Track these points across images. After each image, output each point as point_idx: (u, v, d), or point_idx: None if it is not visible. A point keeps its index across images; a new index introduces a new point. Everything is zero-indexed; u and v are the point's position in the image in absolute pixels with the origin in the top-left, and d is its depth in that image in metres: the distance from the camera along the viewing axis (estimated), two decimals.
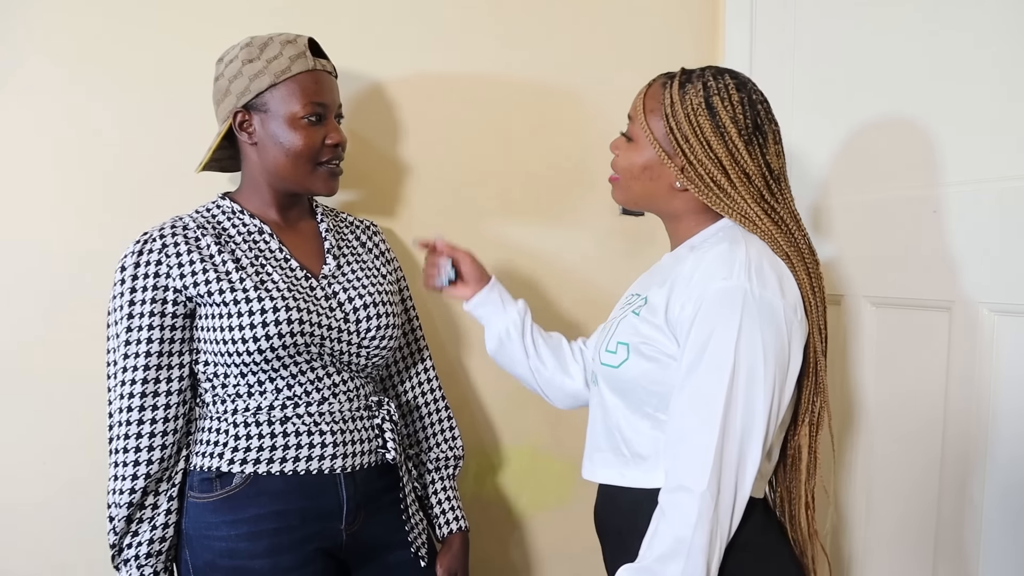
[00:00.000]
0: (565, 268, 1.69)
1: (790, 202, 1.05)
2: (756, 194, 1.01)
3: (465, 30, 1.58)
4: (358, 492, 1.16)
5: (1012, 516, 1.22)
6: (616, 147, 1.14)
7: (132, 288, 1.10)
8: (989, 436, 1.25)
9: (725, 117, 0.99)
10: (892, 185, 1.42)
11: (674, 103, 1.02)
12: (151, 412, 1.09)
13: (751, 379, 0.92)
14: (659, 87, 1.06)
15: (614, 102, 1.70)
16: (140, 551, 1.09)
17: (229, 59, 1.16)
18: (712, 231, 1.07)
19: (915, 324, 1.37)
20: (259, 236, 1.18)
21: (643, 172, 1.07)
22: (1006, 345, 1.23)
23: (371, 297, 1.21)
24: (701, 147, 1.00)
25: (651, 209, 1.13)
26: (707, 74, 1.03)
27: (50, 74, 1.31)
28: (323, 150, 1.17)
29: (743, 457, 0.92)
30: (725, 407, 0.91)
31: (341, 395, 1.18)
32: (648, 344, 1.01)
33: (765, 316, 0.93)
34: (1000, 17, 1.24)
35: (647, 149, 1.06)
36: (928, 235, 1.34)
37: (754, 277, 0.94)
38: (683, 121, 1.01)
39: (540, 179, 1.66)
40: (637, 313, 1.04)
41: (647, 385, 1.01)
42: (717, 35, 1.82)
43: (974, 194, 1.27)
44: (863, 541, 1.50)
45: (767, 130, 1.02)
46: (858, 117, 1.47)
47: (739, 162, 1.00)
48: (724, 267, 0.95)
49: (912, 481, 1.39)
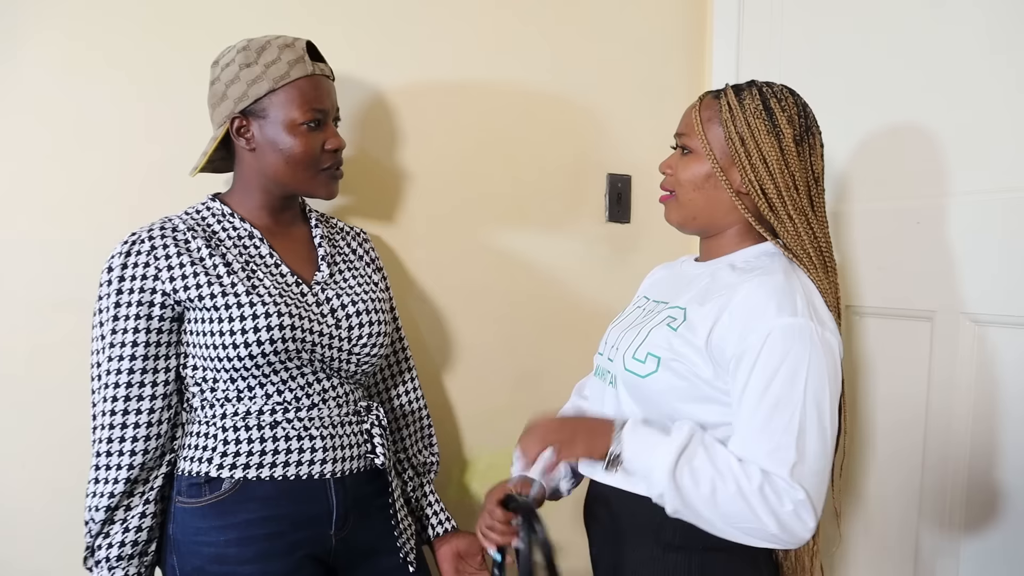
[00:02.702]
0: (552, 272, 1.70)
1: (822, 203, 1.08)
2: (799, 209, 1.03)
3: (457, 39, 1.58)
4: (347, 497, 1.16)
5: (992, 521, 1.25)
6: (669, 165, 1.12)
7: (119, 289, 1.08)
8: (970, 442, 1.27)
9: (782, 118, 1.02)
10: (875, 197, 1.44)
11: (732, 108, 1.04)
12: (135, 415, 1.08)
13: (820, 413, 0.93)
14: (712, 99, 1.08)
15: (604, 110, 1.72)
16: (111, 553, 1.07)
17: (225, 62, 1.13)
18: (755, 252, 1.08)
19: (898, 333, 1.40)
20: (249, 240, 1.16)
21: (707, 181, 1.07)
22: (987, 354, 1.25)
23: (364, 304, 1.20)
24: (756, 150, 1.02)
25: (705, 223, 1.10)
26: (758, 83, 1.07)
27: (44, 73, 1.28)
28: (323, 156, 1.16)
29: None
30: (797, 438, 0.92)
31: (331, 400, 1.17)
32: (680, 362, 1.01)
33: (827, 354, 0.95)
34: (975, 35, 1.27)
35: (708, 158, 1.06)
36: (911, 246, 1.36)
37: (814, 315, 0.97)
38: (743, 124, 1.03)
39: (530, 186, 1.67)
40: (674, 328, 1.03)
41: (672, 400, 1.02)
42: (704, 45, 1.84)
43: (957, 206, 1.30)
44: (847, 540, 1.52)
45: (815, 132, 1.06)
46: (842, 129, 1.50)
47: (789, 165, 1.02)
48: (786, 302, 0.96)
49: (893, 485, 1.41)
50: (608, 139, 1.74)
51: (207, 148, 1.17)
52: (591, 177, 1.74)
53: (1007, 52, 1.23)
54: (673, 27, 1.81)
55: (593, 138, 1.72)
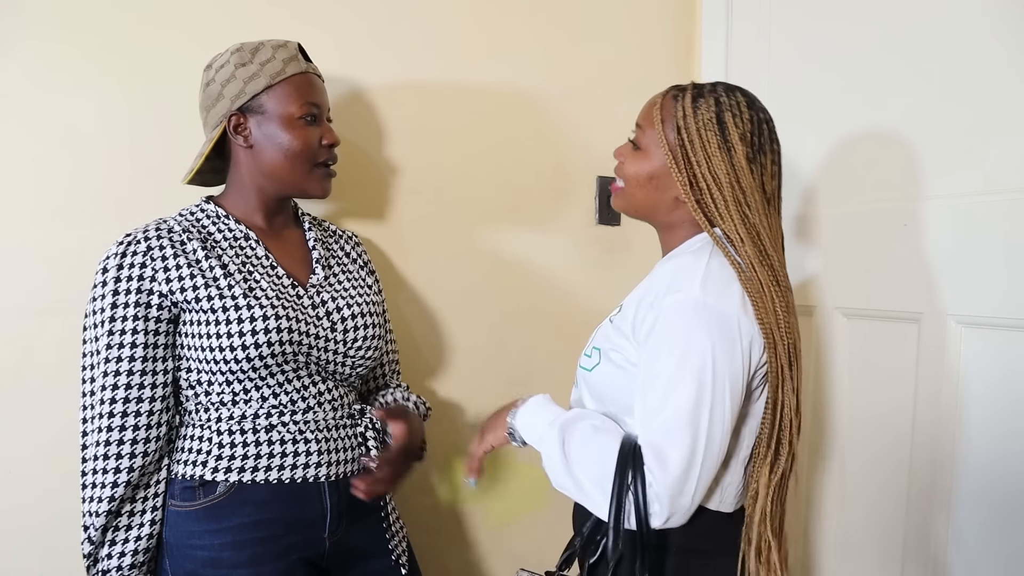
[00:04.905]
0: (542, 274, 1.70)
1: (775, 223, 1.05)
2: (742, 216, 1.00)
3: (446, 41, 1.58)
4: (341, 500, 1.15)
5: (978, 521, 1.26)
6: (621, 154, 1.11)
7: (115, 290, 1.07)
8: (956, 443, 1.29)
9: (735, 134, 1.00)
10: (864, 198, 1.46)
11: (686, 115, 1.02)
12: (133, 418, 1.06)
13: (701, 387, 0.92)
14: (671, 99, 1.05)
15: (593, 111, 1.73)
16: (124, 561, 1.06)
17: (220, 64, 1.14)
18: (689, 244, 1.07)
19: (885, 335, 1.41)
20: (245, 242, 1.16)
21: (649, 181, 1.06)
22: (973, 356, 1.27)
23: (359, 307, 1.20)
24: (706, 161, 1.00)
25: (650, 218, 1.11)
26: (719, 89, 1.03)
27: (29, 79, 1.26)
28: (320, 150, 1.17)
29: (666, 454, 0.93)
30: (673, 403, 0.92)
31: (326, 404, 1.17)
32: (617, 351, 1.03)
33: (716, 325, 0.93)
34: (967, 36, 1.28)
35: (656, 158, 1.04)
36: (898, 248, 1.38)
37: (709, 288, 0.95)
38: (693, 133, 1.01)
39: (519, 187, 1.67)
40: (612, 320, 1.07)
41: (613, 391, 1.03)
42: (693, 46, 1.85)
43: (943, 208, 1.31)
44: (834, 543, 1.53)
45: (768, 151, 1.03)
46: (831, 131, 1.51)
47: (740, 180, 1.00)
48: (682, 279, 0.97)
49: (881, 486, 1.43)
50: (597, 141, 1.74)
51: (203, 150, 1.17)
52: (581, 179, 1.75)
53: (996, 53, 1.24)
54: (662, 29, 1.82)
55: (583, 140, 1.73)
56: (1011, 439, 1.22)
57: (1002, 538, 1.23)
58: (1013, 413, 1.21)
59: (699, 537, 0.99)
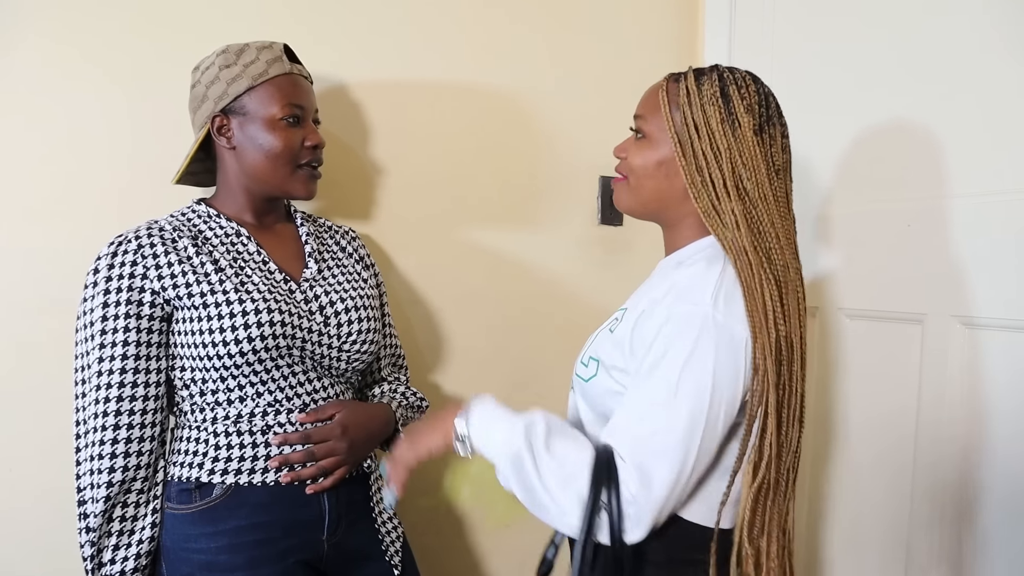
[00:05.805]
0: (543, 275, 1.70)
1: (783, 198, 1.00)
2: (740, 193, 0.96)
3: (445, 38, 1.57)
4: (340, 502, 1.15)
5: (984, 523, 1.25)
6: (623, 149, 1.07)
7: (106, 290, 1.07)
8: (960, 445, 1.28)
9: (740, 106, 0.96)
10: (866, 199, 1.45)
11: (691, 93, 0.98)
12: (127, 417, 1.06)
13: (698, 411, 0.88)
14: (673, 82, 1.02)
15: (594, 110, 1.72)
16: (127, 566, 1.06)
17: (205, 66, 1.15)
18: (698, 247, 1.03)
19: (889, 336, 1.40)
20: (236, 238, 1.16)
21: (658, 169, 1.01)
22: (977, 357, 1.26)
23: (352, 301, 1.20)
24: (708, 137, 0.96)
25: (657, 212, 1.06)
26: (720, 67, 1.01)
27: (29, 79, 1.26)
28: (302, 152, 1.17)
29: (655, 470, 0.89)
30: (666, 422, 0.88)
31: (322, 402, 1.16)
32: (616, 369, 0.99)
33: (723, 345, 0.90)
34: (972, 34, 1.27)
35: (663, 144, 1.01)
36: (902, 249, 1.36)
37: (720, 302, 0.91)
38: (698, 110, 0.97)
39: (521, 187, 1.67)
40: (612, 331, 1.03)
41: (611, 403, 1.00)
42: (697, 45, 1.84)
43: (948, 209, 1.30)
44: (837, 545, 1.52)
45: (776, 123, 1.00)
46: (834, 131, 1.50)
47: (742, 153, 0.96)
48: (695, 291, 0.93)
49: (885, 487, 1.42)
50: (599, 140, 1.73)
51: (188, 151, 1.18)
52: (583, 179, 1.74)
53: (1005, 51, 1.23)
54: (665, 27, 1.81)
55: (585, 139, 1.72)
56: (1016, 441, 1.21)
57: (1008, 539, 1.22)
58: (1019, 415, 1.20)
59: (685, 549, 0.96)
